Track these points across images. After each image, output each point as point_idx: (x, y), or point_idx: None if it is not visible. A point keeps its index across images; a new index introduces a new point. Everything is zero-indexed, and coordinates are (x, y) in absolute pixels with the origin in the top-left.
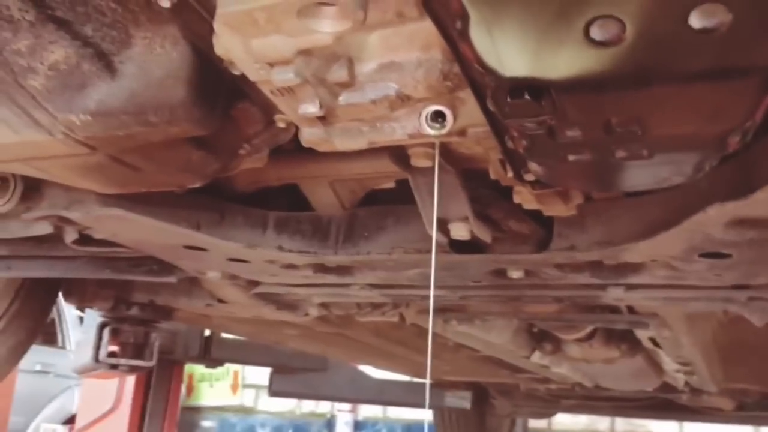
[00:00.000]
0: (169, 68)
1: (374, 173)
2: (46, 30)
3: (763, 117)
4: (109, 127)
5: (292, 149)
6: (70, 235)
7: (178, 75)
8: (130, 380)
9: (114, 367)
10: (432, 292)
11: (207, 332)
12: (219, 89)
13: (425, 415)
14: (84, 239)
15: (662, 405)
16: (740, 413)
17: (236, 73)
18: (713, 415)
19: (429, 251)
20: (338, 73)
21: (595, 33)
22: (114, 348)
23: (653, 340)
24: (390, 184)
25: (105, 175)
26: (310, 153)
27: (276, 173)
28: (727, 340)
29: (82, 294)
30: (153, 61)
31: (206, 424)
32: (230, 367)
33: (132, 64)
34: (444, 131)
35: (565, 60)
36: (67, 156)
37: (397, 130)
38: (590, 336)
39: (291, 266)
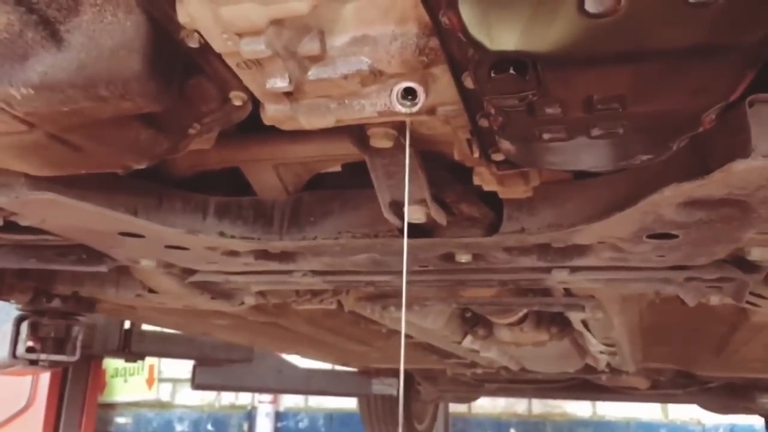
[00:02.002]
0: (122, 38)
1: (321, 156)
2: None
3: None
4: (53, 102)
5: (235, 131)
6: None
7: (131, 46)
8: (45, 377)
9: (33, 363)
10: (404, 277)
11: (126, 325)
12: (175, 62)
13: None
14: (7, 226)
15: (581, 386)
16: (654, 391)
17: (193, 45)
18: (629, 394)
19: (377, 236)
20: (309, 46)
21: (590, 5)
22: (32, 343)
23: (584, 323)
24: (336, 168)
25: (41, 155)
26: (254, 135)
27: (217, 156)
28: (650, 321)
29: None
30: (103, 31)
31: (121, 420)
32: (145, 361)
33: (80, 34)
34: (415, 109)
35: (556, 33)
36: (1, 134)
37: (367, 108)
38: (521, 320)
39: (232, 253)
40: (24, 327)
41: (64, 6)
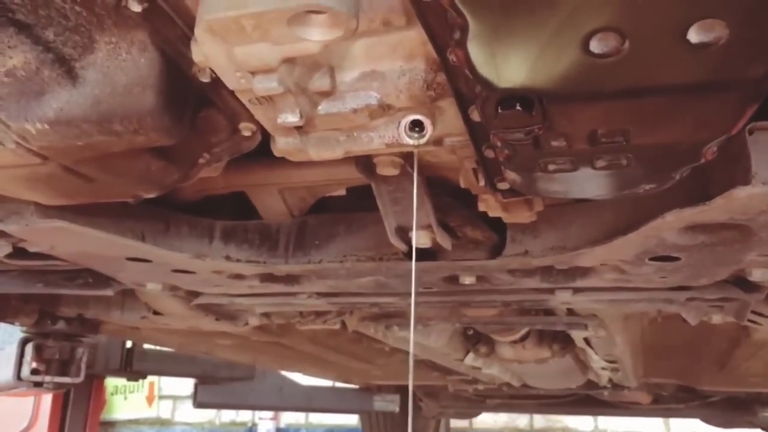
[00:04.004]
0: (136, 75)
1: (326, 180)
2: (6, 34)
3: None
4: (67, 137)
5: (241, 156)
6: (3, 249)
7: (146, 82)
8: (47, 396)
9: (38, 384)
10: (413, 302)
11: (128, 344)
12: (187, 97)
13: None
14: (16, 252)
15: (583, 401)
16: (655, 406)
17: (205, 80)
18: (631, 409)
19: (382, 259)
20: (320, 82)
21: (594, 46)
22: (36, 365)
23: (587, 340)
24: (341, 192)
25: (54, 186)
26: (259, 160)
27: (224, 181)
28: (652, 338)
29: (3, 308)
30: (118, 68)
31: None
32: (145, 379)
33: (94, 71)
34: (422, 141)
35: (562, 71)
36: (16, 166)
37: (375, 140)
38: (524, 337)
39: (238, 276)
40: (29, 349)
41: (80, 44)
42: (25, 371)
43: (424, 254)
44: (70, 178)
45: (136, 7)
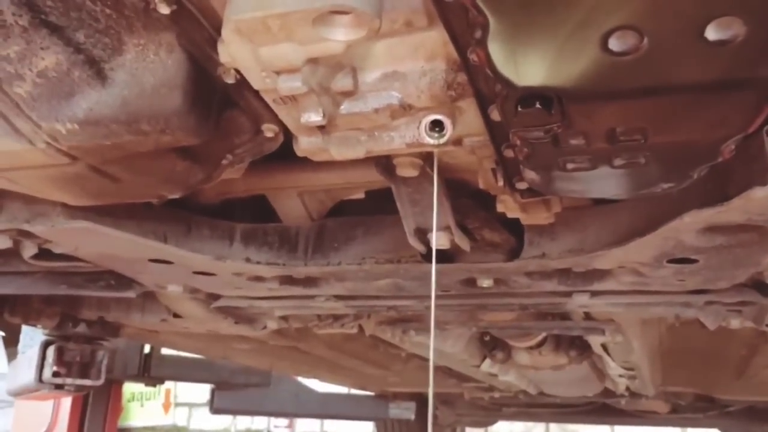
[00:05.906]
0: (164, 76)
1: (345, 184)
2: (39, 35)
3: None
4: (96, 136)
5: (261, 159)
6: (29, 250)
7: (173, 83)
8: (66, 401)
9: (59, 387)
10: (433, 302)
11: (146, 349)
12: (212, 98)
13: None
14: (41, 253)
15: (600, 410)
16: (673, 415)
17: (230, 81)
18: (648, 418)
19: (400, 261)
20: (342, 82)
21: (613, 44)
22: (57, 367)
23: (604, 347)
24: (359, 195)
25: (82, 186)
26: (279, 163)
27: (244, 184)
28: (670, 344)
29: (26, 311)
30: (146, 69)
31: None
32: (162, 386)
33: (123, 72)
34: (443, 140)
35: (581, 69)
36: (45, 166)
37: (396, 139)
38: (540, 343)
39: (257, 278)
40: (50, 351)
41: (110, 46)
42: (47, 373)
43: (442, 256)
44: (97, 178)
45: (165, 10)
